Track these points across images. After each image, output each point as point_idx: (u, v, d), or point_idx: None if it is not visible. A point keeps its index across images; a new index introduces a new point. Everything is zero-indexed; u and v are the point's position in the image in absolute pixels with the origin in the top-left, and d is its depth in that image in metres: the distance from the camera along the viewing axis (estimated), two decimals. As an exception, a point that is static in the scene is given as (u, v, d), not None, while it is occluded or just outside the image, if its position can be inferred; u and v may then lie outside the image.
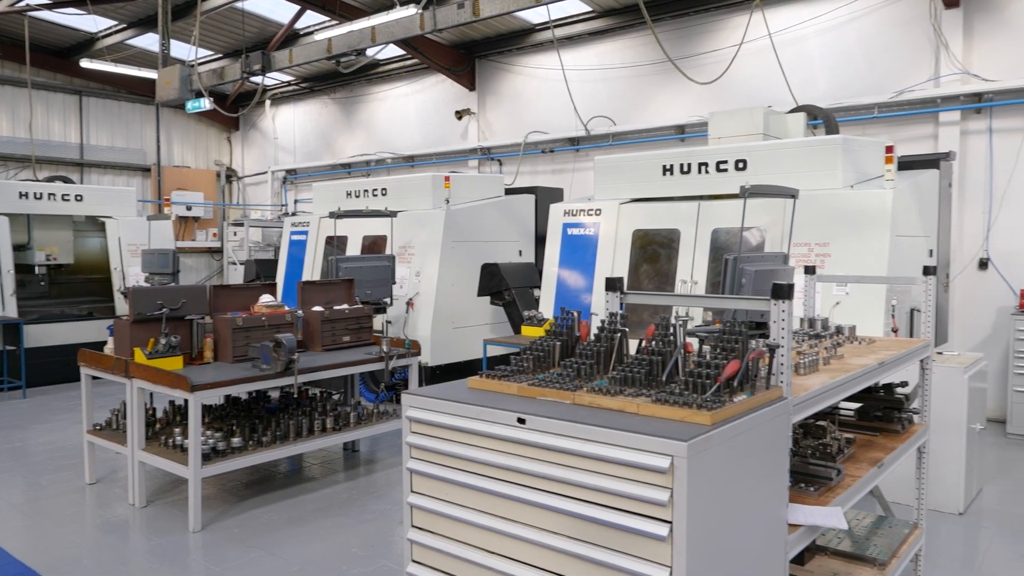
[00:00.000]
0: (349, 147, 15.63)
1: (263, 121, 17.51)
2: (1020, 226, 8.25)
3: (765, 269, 4.47)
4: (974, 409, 5.62)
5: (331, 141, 16.07)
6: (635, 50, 11.27)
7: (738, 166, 6.73)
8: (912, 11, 8.87)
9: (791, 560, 2.86)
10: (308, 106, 16.56)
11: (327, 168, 15.95)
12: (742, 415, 2.33)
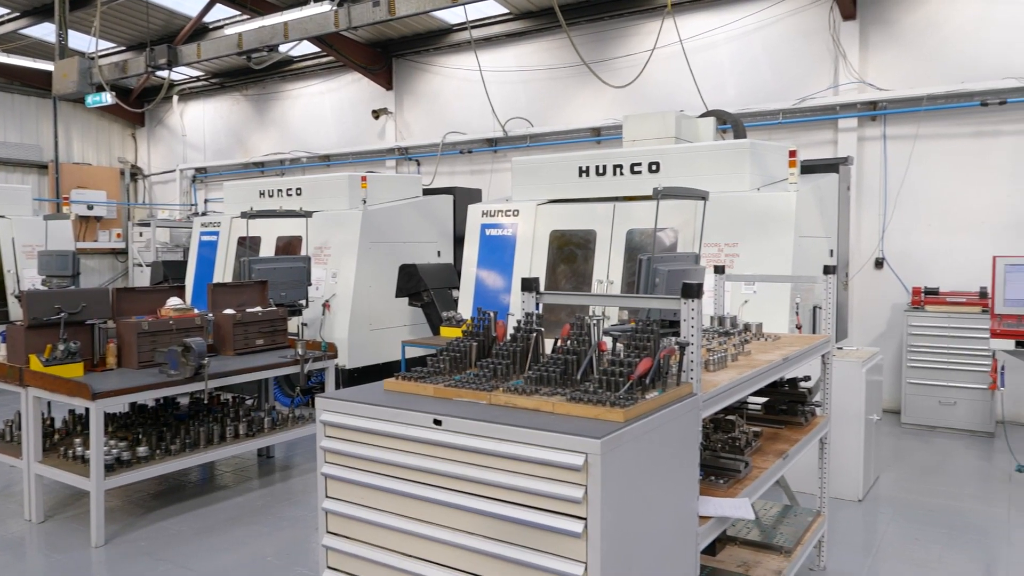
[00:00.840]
0: (262, 145, 15.23)
1: (171, 117, 16.86)
2: (911, 228, 8.76)
3: (677, 269, 4.59)
4: (871, 401, 5.93)
5: (243, 139, 15.62)
6: (552, 53, 11.39)
7: (651, 168, 6.89)
8: (813, 22, 9.28)
9: (703, 551, 2.96)
10: (219, 102, 16.04)
11: (239, 167, 15.49)
12: (654, 412, 2.39)
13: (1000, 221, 8.27)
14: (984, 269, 7.72)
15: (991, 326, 6.40)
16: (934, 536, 5.12)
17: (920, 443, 7.46)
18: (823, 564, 4.61)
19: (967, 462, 6.83)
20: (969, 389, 7.73)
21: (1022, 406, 8.03)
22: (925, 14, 8.64)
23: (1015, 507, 5.66)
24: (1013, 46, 8.17)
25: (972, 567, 4.65)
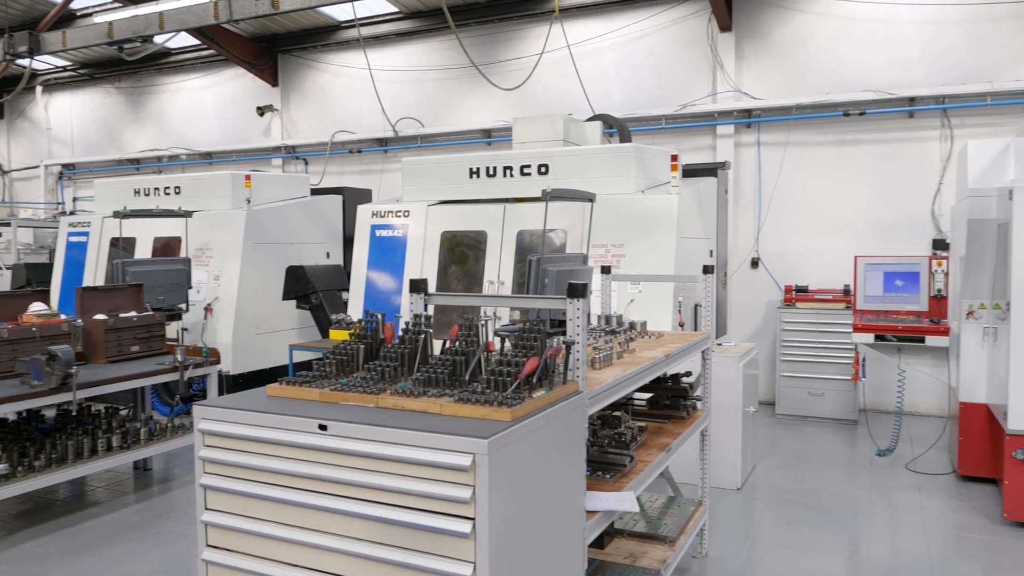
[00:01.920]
0: (137, 141, 14.44)
1: (34, 109, 15.72)
2: (784, 229, 9.28)
3: (566, 269, 4.68)
4: (748, 394, 6.24)
5: (116, 134, 14.76)
6: (443, 54, 11.37)
7: (541, 170, 7.00)
8: (693, 33, 9.68)
9: (591, 544, 3.03)
10: (88, 95, 15.09)
11: (112, 163, 14.62)
12: (541, 410, 2.43)
13: (861, 223, 8.90)
14: (848, 268, 8.28)
15: (853, 321, 6.87)
16: (805, 519, 5.44)
17: (792, 432, 7.91)
18: (705, 551, 4.82)
19: (834, 448, 7.30)
20: (835, 380, 8.27)
21: (882, 395, 8.66)
22: (793, 28, 9.18)
23: (875, 489, 6.10)
24: (869, 62, 8.80)
25: (839, 546, 4.98)
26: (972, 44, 8.39)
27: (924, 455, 6.92)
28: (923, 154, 8.64)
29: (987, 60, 8.33)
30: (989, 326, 5.87)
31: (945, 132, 8.51)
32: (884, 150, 8.82)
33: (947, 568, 4.64)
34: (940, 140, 8.55)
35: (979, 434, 6.05)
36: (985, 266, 5.86)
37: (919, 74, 8.60)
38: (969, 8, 8.36)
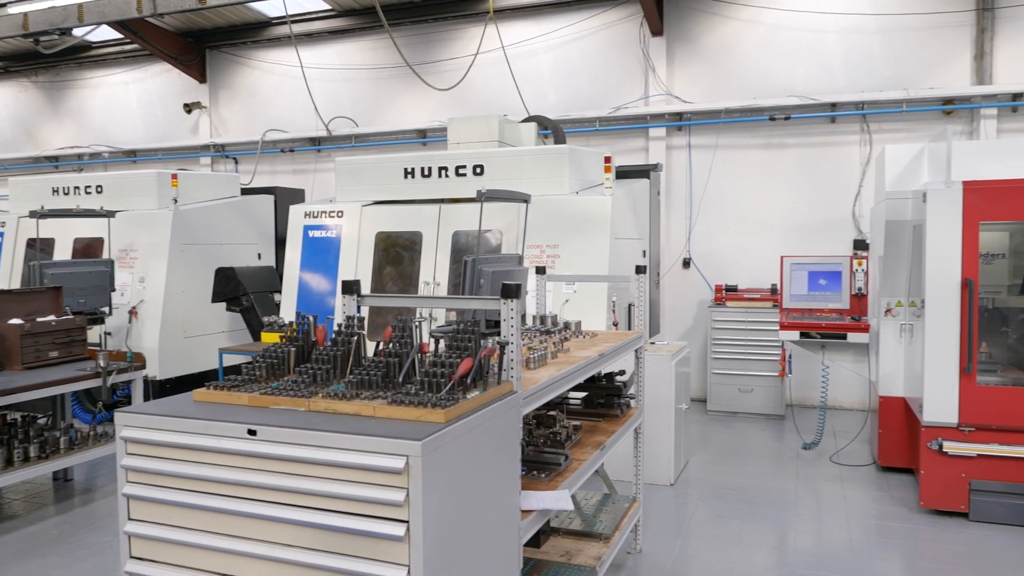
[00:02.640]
0: (56, 138, 13.84)
1: (-59, 103, 14.91)
2: (714, 230, 9.51)
3: (502, 270, 4.69)
4: (680, 391, 6.37)
5: (33, 130, 14.12)
6: (377, 52, 11.25)
7: (476, 171, 7.00)
8: (625, 36, 9.83)
9: (527, 543, 3.04)
10: (3, 89, 14.39)
11: (28, 161, 13.98)
12: (475, 411, 2.43)
13: (787, 224, 9.18)
14: (775, 267, 8.53)
15: (780, 319, 7.09)
16: (735, 512, 5.58)
17: (723, 428, 8.11)
18: (639, 547, 4.90)
19: (763, 443, 7.52)
20: (764, 377, 8.51)
21: (807, 390, 8.95)
22: (722, 35, 9.42)
23: (802, 481, 6.30)
24: (794, 68, 9.09)
25: (768, 538, 5.13)
26: (890, 53, 8.76)
27: (847, 447, 7.19)
28: (844, 158, 8.97)
29: (903, 69, 8.70)
30: (906, 323, 6.13)
31: (865, 137, 8.86)
32: (808, 153, 9.12)
33: (868, 555, 4.83)
34: (860, 144, 8.89)
35: (897, 426, 6.32)
36: (902, 265, 6.13)
37: (840, 81, 8.93)
38: (887, 19, 8.73)
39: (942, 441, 5.31)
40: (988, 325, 5.82)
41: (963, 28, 8.49)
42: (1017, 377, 5.58)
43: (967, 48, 8.49)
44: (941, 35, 8.57)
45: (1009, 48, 8.35)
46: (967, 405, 5.21)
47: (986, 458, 5.23)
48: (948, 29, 8.53)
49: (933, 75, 8.60)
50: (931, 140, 6.35)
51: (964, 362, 5.18)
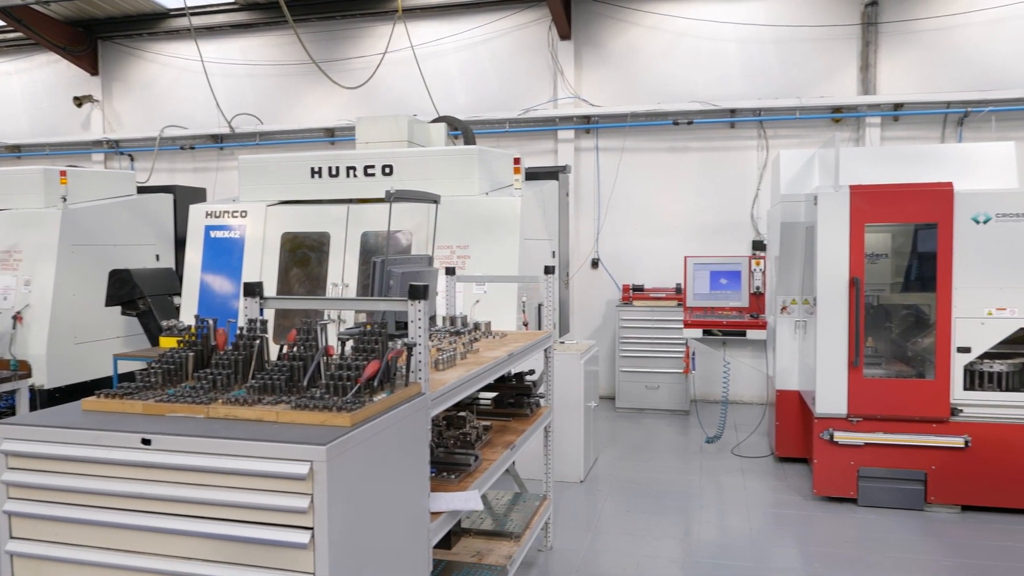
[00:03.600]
0: (-71, 131, 12.88)
1: None
2: (621, 231, 9.73)
3: (411, 271, 4.66)
4: (589, 389, 6.49)
5: (-98, 122, 13.08)
6: (282, 48, 10.97)
7: (385, 171, 6.92)
8: (534, 39, 9.93)
9: (437, 545, 3.04)
10: None
11: None
12: (382, 413, 2.41)
13: (691, 225, 9.49)
14: (679, 267, 8.79)
15: (684, 318, 7.31)
16: (643, 506, 5.73)
17: (631, 424, 8.31)
18: (550, 544, 4.96)
19: (668, 438, 7.74)
20: (669, 374, 8.76)
21: (710, 386, 9.27)
22: (628, 40, 9.64)
23: (705, 473, 6.52)
24: (696, 75, 9.41)
25: (674, 529, 5.28)
26: (784, 63, 9.18)
27: (747, 440, 7.49)
28: (744, 162, 9.35)
29: (797, 78, 9.14)
30: (800, 320, 6.44)
31: (762, 142, 9.26)
32: (710, 157, 9.46)
33: (767, 542, 5.05)
34: (758, 149, 9.28)
35: (793, 418, 6.63)
36: (796, 265, 6.43)
37: (739, 88, 9.30)
38: (781, 30, 9.14)
39: (833, 431, 5.60)
40: (874, 321, 6.17)
41: (850, 41, 8.98)
42: (900, 369, 5.95)
43: (854, 60, 8.99)
44: (831, 47, 9.04)
45: (891, 61, 8.89)
46: (855, 397, 5.52)
47: (872, 446, 5.56)
48: (837, 41, 9.01)
49: (823, 85, 9.07)
50: (821, 146, 6.69)
51: (852, 356, 5.49)
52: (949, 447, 5.42)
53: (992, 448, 5.36)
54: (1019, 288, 5.30)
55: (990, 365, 5.42)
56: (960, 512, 5.48)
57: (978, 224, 5.35)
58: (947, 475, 5.45)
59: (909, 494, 5.53)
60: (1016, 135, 8.35)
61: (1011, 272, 5.31)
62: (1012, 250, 5.30)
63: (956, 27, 8.71)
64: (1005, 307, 5.33)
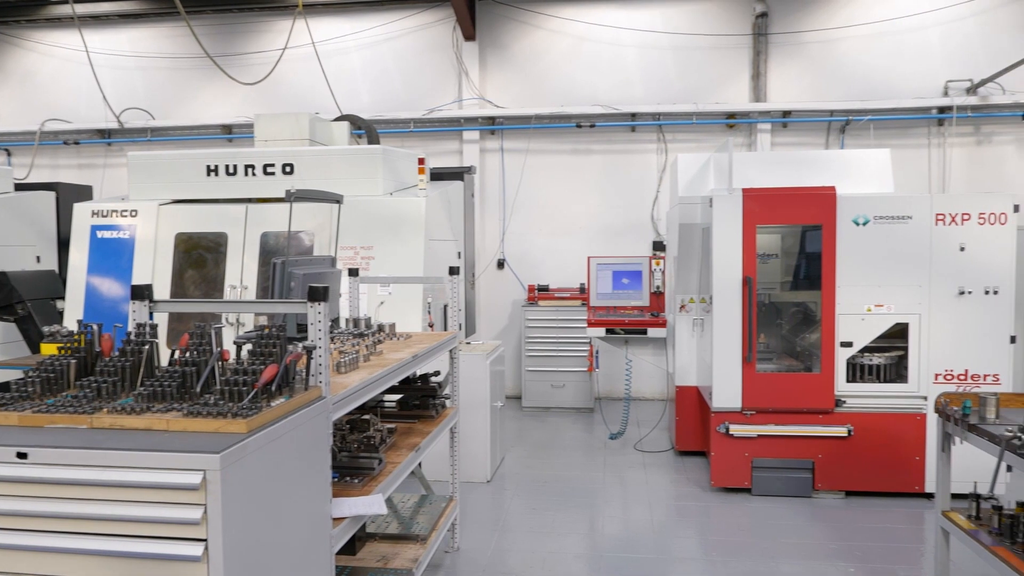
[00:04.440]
0: None
1: None
2: (525, 232, 9.82)
3: (313, 272, 4.57)
4: (495, 389, 6.51)
5: None
6: (175, 41, 10.52)
7: (285, 170, 6.75)
8: (439, 39, 9.90)
9: (341, 551, 2.98)
10: None
11: None
12: (280, 419, 2.35)
13: (595, 226, 9.68)
14: (583, 268, 8.96)
15: (587, 317, 7.45)
16: (549, 504, 5.80)
17: (537, 423, 8.40)
18: (457, 545, 4.95)
19: (573, 435, 7.87)
20: (574, 372, 8.91)
21: (613, 383, 9.48)
22: (531, 43, 9.75)
23: (609, 469, 6.67)
24: (598, 79, 9.61)
25: (579, 526, 5.37)
26: (682, 69, 9.49)
27: (649, 435, 7.70)
28: (644, 164, 9.61)
29: (693, 84, 9.47)
30: (697, 318, 6.67)
31: (661, 146, 9.54)
32: (612, 160, 9.67)
33: (668, 534, 5.21)
34: (657, 153, 9.56)
35: (692, 413, 6.86)
36: (693, 265, 6.66)
37: (639, 93, 9.55)
38: (679, 38, 9.45)
39: (729, 425, 5.83)
40: (765, 318, 6.46)
41: (742, 50, 9.38)
42: (790, 364, 6.25)
43: (746, 68, 9.39)
44: (725, 56, 9.41)
45: (780, 70, 9.34)
46: (749, 391, 5.77)
47: (765, 438, 5.82)
48: (731, 50, 9.39)
49: (719, 91, 9.43)
50: (716, 150, 6.96)
51: (746, 352, 5.73)
52: (834, 436, 5.73)
53: (872, 436, 5.71)
54: (895, 286, 5.66)
55: (870, 358, 5.77)
56: (845, 497, 5.81)
57: (858, 226, 5.68)
58: (832, 463, 5.77)
59: (798, 482, 5.82)
60: (892, 143, 8.93)
61: (888, 271, 5.66)
62: (889, 250, 5.66)
63: (839, 40, 9.24)
64: (883, 303, 5.68)
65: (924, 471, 5.67)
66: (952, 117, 8.99)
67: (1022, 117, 8.93)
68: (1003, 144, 9.15)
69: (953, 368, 5.63)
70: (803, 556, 4.80)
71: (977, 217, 5.57)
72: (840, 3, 9.24)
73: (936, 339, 5.64)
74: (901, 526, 5.27)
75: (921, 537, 5.08)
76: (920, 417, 5.67)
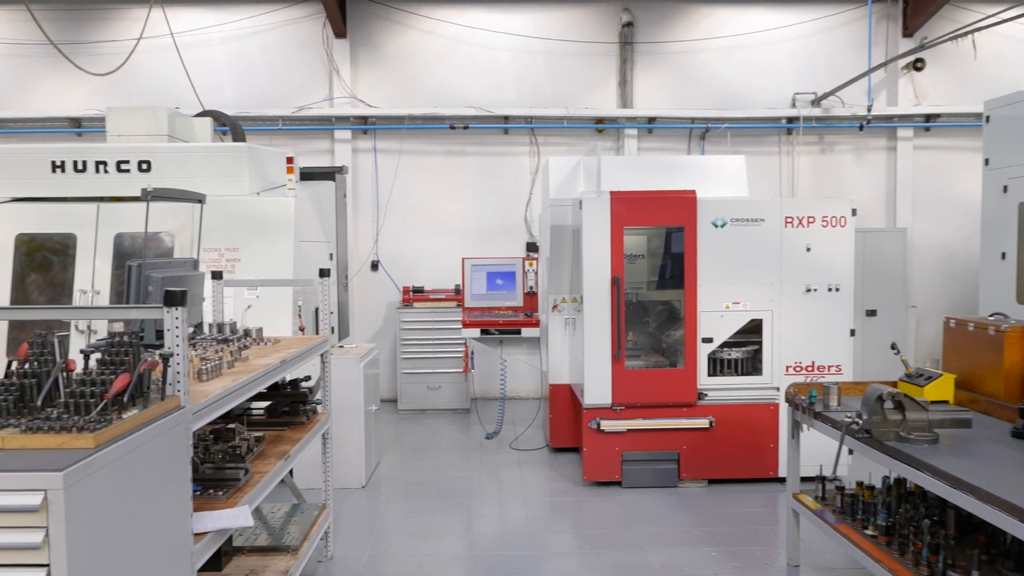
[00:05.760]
0: None
1: None
2: (401, 233, 9.74)
3: (173, 275, 4.33)
4: (370, 393, 6.41)
5: None
6: (15, 26, 9.69)
7: (142, 167, 6.38)
8: (308, 35, 9.64)
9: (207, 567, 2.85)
10: None
11: None
12: (133, 431, 2.21)
13: (469, 227, 9.73)
14: (458, 269, 8.97)
15: (462, 318, 7.48)
16: (425, 507, 5.77)
17: (414, 425, 8.35)
18: (330, 554, 4.84)
19: (450, 437, 7.87)
20: (450, 374, 8.92)
21: (489, 384, 9.55)
22: (405, 43, 9.67)
23: (485, 469, 6.71)
24: (471, 81, 9.66)
25: (456, 526, 5.38)
26: (553, 74, 9.70)
27: (524, 434, 7.82)
28: (517, 167, 9.75)
29: (564, 89, 9.70)
30: (569, 317, 6.84)
31: (534, 148, 9.71)
32: (486, 161, 9.75)
33: (543, 529, 5.30)
34: (530, 155, 9.73)
35: (565, 411, 7.02)
36: (565, 265, 6.82)
37: (512, 96, 9.68)
38: (550, 43, 9.65)
39: (600, 420, 6.01)
40: (634, 316, 6.71)
41: (610, 58, 9.70)
42: (657, 360, 6.52)
43: (614, 75, 9.71)
44: (594, 62, 9.70)
45: (645, 78, 9.73)
46: (618, 387, 5.97)
47: (633, 432, 6.04)
48: (599, 57, 9.69)
49: (588, 96, 9.71)
50: (586, 154, 7.16)
51: (615, 349, 5.92)
52: (697, 428, 6.03)
53: (731, 427, 6.05)
54: (750, 284, 6.02)
55: (728, 353, 6.11)
56: (707, 486, 6.12)
57: (717, 228, 6.00)
58: (696, 454, 6.07)
59: (665, 473, 6.08)
60: (747, 149, 9.50)
61: (744, 270, 6.02)
62: (744, 251, 6.01)
63: (699, 51, 9.73)
64: (739, 301, 6.03)
65: (778, 457, 6.06)
66: (799, 127, 9.67)
67: (859, 128, 9.72)
68: (843, 153, 9.93)
69: (802, 360, 6.05)
70: (670, 544, 5.01)
71: (821, 220, 6.01)
72: (700, 16, 9.73)
73: (787, 334, 6.05)
74: (758, 510, 5.61)
75: (776, 519, 5.43)
76: (774, 407, 6.05)
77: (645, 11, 9.68)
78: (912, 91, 9.85)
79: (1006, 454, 3.33)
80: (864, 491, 4.05)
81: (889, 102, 9.83)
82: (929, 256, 9.93)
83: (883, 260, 9.20)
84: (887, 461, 3.44)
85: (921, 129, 9.83)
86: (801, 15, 9.73)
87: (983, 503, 2.78)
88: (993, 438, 3.58)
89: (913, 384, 4.14)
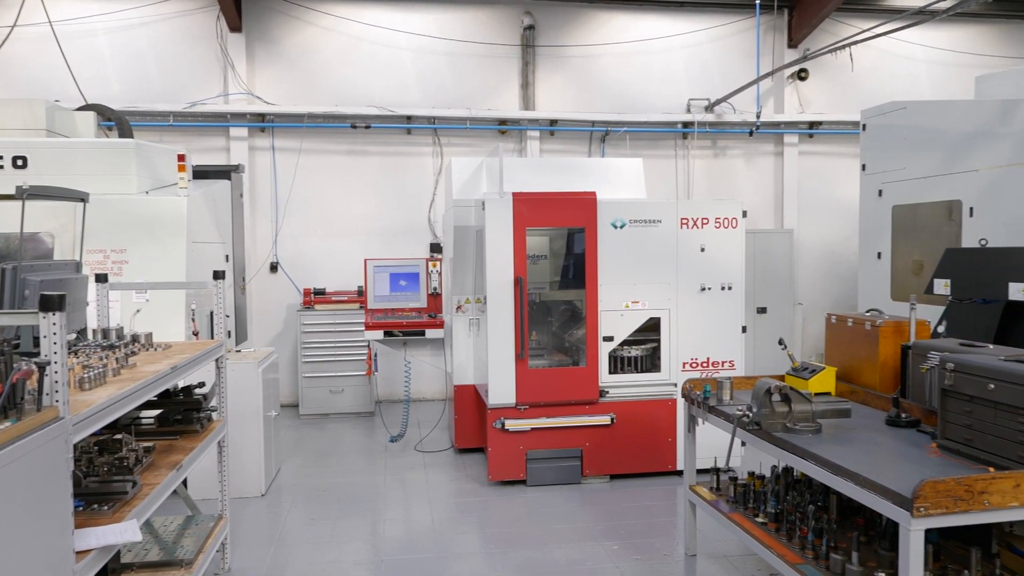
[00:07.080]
0: None
1: None
2: (301, 233, 9.50)
3: (53, 279, 4.09)
4: (268, 398, 6.23)
5: None
6: None
7: (17, 163, 5.98)
8: (201, 29, 9.28)
9: (88, 588, 2.69)
10: None
11: None
12: (4, 446, 2.07)
13: (372, 228, 9.60)
14: (360, 270, 8.84)
15: (365, 320, 7.37)
16: (328, 513, 5.65)
17: (316, 430, 8.16)
18: (228, 566, 4.67)
19: (354, 440, 7.74)
20: (353, 377, 8.77)
21: (393, 386, 9.46)
22: (304, 39, 9.45)
23: (390, 472, 6.64)
24: (373, 79, 9.54)
25: (359, 531, 5.29)
26: (456, 75, 9.69)
27: (429, 436, 7.78)
28: (420, 167, 9.69)
29: (467, 90, 9.71)
30: (473, 318, 6.85)
31: (437, 149, 9.68)
32: (389, 162, 9.64)
33: (449, 530, 5.29)
34: (433, 156, 9.68)
35: (470, 411, 7.03)
36: (469, 266, 6.83)
37: (415, 96, 9.61)
38: (453, 44, 9.64)
39: (504, 420, 6.05)
40: (537, 316, 6.79)
41: (512, 60, 9.78)
42: (560, 359, 6.61)
43: (516, 78, 9.80)
44: (497, 64, 9.75)
45: (547, 81, 9.86)
46: (522, 386, 6.02)
47: (537, 431, 6.11)
48: (502, 59, 9.75)
49: (491, 98, 9.75)
50: (488, 155, 7.19)
51: (518, 349, 5.98)
52: (599, 425, 6.16)
53: (631, 423, 6.21)
54: (649, 283, 6.20)
55: (629, 351, 6.27)
56: (609, 481, 6.26)
57: (616, 228, 6.15)
58: (598, 450, 6.19)
59: (568, 470, 6.18)
60: (645, 153, 9.79)
61: (642, 270, 6.19)
62: (642, 251, 6.18)
63: (599, 56, 9.94)
64: (639, 300, 6.20)
65: (676, 451, 6.26)
66: (694, 132, 10.03)
67: (748, 133, 10.17)
68: (734, 157, 10.37)
69: (697, 356, 6.28)
70: (574, 539, 5.10)
71: (714, 221, 6.25)
72: (600, 22, 9.94)
73: (683, 331, 6.26)
74: (658, 503, 5.79)
75: (674, 511, 5.61)
76: (671, 402, 6.25)
77: (546, 15, 9.81)
78: (797, 99, 10.39)
79: (881, 441, 3.56)
80: (755, 481, 4.24)
81: (776, 109, 10.33)
82: (814, 256, 10.49)
83: (772, 260, 9.66)
84: (775, 451, 3.62)
85: (805, 135, 10.37)
86: (695, 24, 10.09)
87: (860, 488, 2.96)
88: (870, 426, 3.82)
89: (799, 377, 4.36)
